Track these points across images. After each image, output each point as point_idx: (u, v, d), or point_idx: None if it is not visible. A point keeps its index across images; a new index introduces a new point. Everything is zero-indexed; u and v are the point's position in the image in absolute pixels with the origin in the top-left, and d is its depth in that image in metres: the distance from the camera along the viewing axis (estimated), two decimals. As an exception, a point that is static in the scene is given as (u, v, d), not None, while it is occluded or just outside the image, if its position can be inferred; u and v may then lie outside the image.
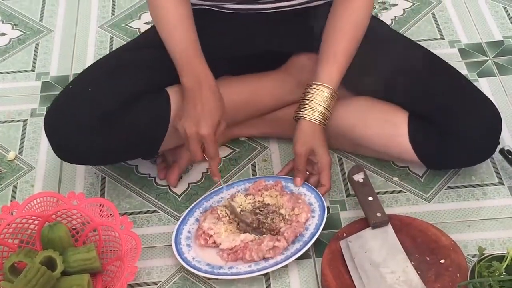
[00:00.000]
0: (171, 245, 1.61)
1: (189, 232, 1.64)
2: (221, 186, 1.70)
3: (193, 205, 1.69)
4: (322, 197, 1.65)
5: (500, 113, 1.66)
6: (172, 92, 1.67)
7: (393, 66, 1.70)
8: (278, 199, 1.66)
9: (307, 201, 1.65)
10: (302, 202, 1.65)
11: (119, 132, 1.60)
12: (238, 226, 1.62)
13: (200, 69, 1.59)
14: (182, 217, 1.66)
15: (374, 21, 1.72)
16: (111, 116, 1.59)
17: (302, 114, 1.65)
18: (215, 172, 1.62)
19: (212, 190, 1.73)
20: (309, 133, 1.64)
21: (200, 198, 1.70)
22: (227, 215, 1.64)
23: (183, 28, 1.61)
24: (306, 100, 1.66)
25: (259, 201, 1.66)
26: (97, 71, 1.69)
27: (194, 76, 1.58)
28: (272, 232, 1.60)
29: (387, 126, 1.69)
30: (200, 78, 1.58)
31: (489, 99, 1.68)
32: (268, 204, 1.65)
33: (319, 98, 1.64)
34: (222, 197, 1.69)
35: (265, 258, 1.57)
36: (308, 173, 1.69)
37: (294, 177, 1.68)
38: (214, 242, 1.60)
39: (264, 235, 1.60)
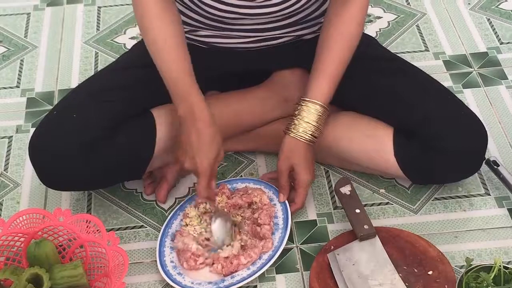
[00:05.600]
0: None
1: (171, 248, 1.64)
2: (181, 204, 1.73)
3: (165, 224, 1.69)
4: (289, 212, 1.65)
5: (485, 125, 1.67)
6: (157, 114, 1.66)
7: (378, 82, 1.70)
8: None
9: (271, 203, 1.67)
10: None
11: (104, 159, 1.59)
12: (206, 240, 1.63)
13: (195, 101, 1.55)
14: (161, 232, 1.67)
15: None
16: (96, 143, 1.57)
17: (288, 130, 1.64)
18: (212, 207, 1.64)
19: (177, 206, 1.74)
20: (290, 150, 1.64)
21: (169, 217, 1.71)
22: (194, 230, 1.64)
23: (177, 54, 1.56)
24: (298, 116, 1.64)
25: (209, 207, 1.67)
26: (81, 96, 1.66)
27: (188, 107, 1.54)
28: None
29: (372, 141, 1.68)
30: (194, 110, 1.54)
31: (475, 115, 1.67)
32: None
33: (311, 117, 1.63)
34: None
35: (236, 271, 1.57)
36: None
37: (279, 193, 1.68)
38: (203, 263, 1.59)
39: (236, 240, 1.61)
